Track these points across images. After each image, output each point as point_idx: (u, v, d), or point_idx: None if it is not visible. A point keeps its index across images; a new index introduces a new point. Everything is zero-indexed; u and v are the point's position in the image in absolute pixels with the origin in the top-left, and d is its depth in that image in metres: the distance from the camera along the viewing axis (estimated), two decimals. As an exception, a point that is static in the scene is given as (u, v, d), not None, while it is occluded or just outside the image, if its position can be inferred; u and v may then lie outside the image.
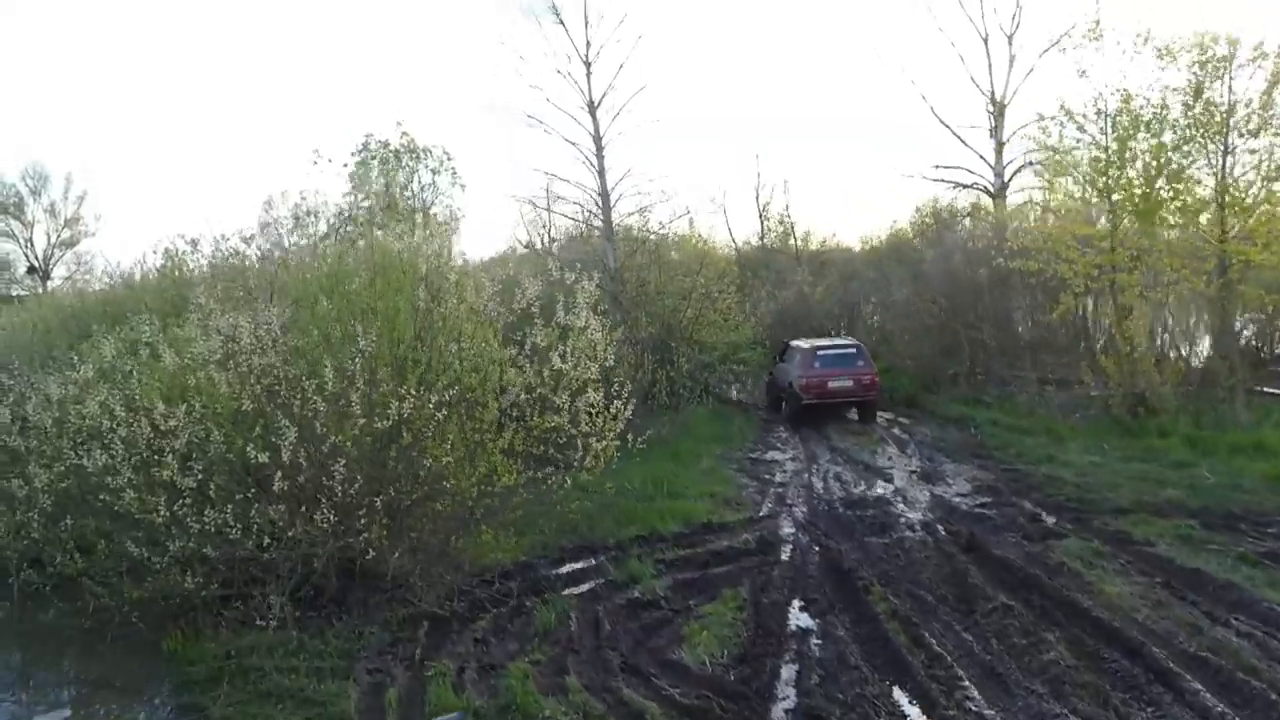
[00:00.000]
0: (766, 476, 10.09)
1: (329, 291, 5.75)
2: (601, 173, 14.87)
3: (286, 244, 15.33)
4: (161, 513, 5.00)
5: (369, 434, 5.19)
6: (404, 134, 24.54)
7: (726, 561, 6.75)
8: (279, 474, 5.05)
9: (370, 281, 5.57)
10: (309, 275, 6.17)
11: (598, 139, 14.74)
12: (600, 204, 14.85)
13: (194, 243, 9.50)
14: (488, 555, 6.42)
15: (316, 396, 5.06)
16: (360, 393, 5.15)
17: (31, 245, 48.40)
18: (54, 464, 5.71)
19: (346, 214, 22.80)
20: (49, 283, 48.61)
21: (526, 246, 19.02)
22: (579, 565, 6.67)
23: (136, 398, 5.40)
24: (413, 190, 23.18)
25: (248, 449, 4.93)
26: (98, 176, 69.14)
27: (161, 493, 5.31)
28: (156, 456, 5.34)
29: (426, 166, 21.67)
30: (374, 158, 24.72)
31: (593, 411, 5.98)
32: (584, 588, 6.19)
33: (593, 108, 15.02)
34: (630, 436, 6.62)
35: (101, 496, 5.54)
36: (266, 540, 5.25)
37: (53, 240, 48.97)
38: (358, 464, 5.25)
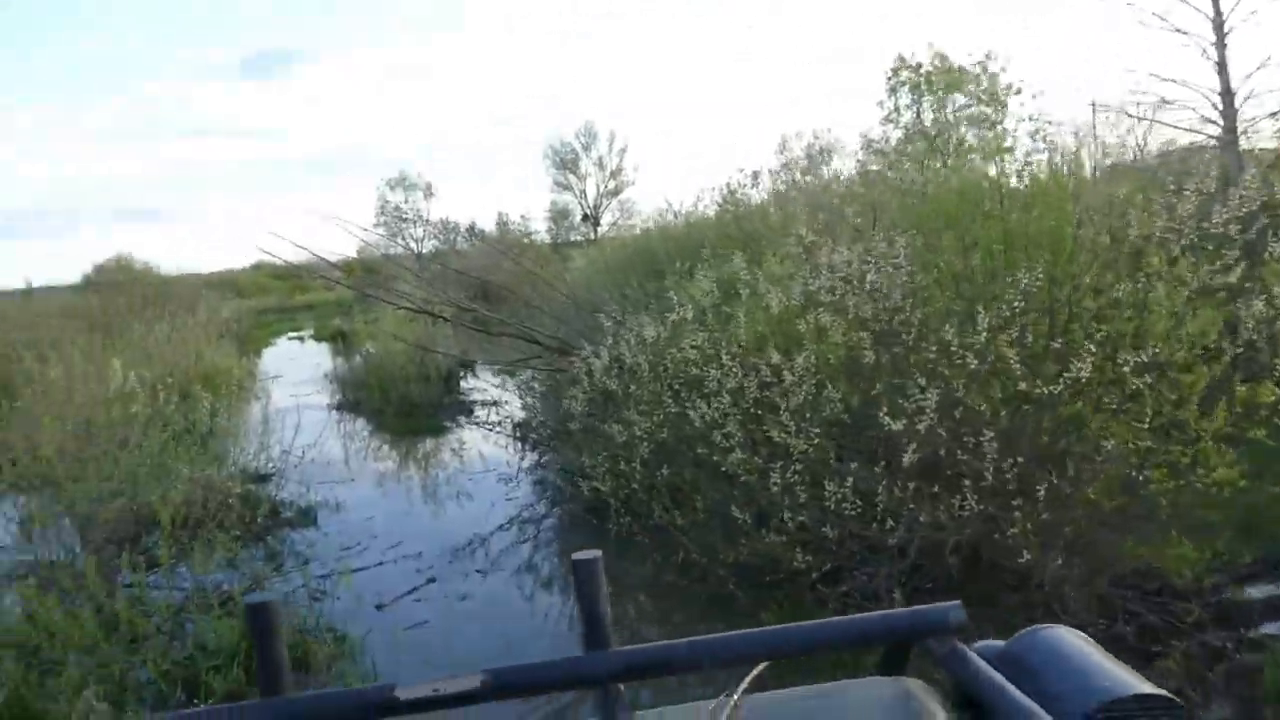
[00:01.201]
0: None
1: (958, 218, 4.61)
2: (1222, 65, 11.89)
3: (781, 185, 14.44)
4: (774, 481, 4.26)
5: (1029, 400, 3.96)
6: (937, 55, 22.71)
7: None
8: (911, 445, 4.04)
9: (1027, 203, 4.33)
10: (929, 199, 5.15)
11: (1218, 24, 11.79)
12: (1223, 105, 11.93)
13: (754, 176, 9.07)
14: (1140, 559, 4.95)
15: (965, 351, 3.94)
16: (1020, 348, 3.94)
17: (585, 196, 54.97)
18: (653, 411, 5.34)
19: (875, 147, 21.72)
20: (599, 229, 54.98)
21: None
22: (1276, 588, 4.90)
23: (740, 343, 4.78)
24: (952, 115, 21.42)
25: (881, 415, 3.97)
26: (633, 128, 76.81)
27: (764, 452, 4.68)
28: (760, 412, 4.68)
29: (974, 89, 19.49)
30: (904, 85, 23.24)
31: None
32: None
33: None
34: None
35: (700, 450, 5.06)
36: (889, 522, 4.31)
37: (601, 190, 55.16)
38: (1007, 438, 4.05)
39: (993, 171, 6.01)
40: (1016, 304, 3.95)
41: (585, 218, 54.73)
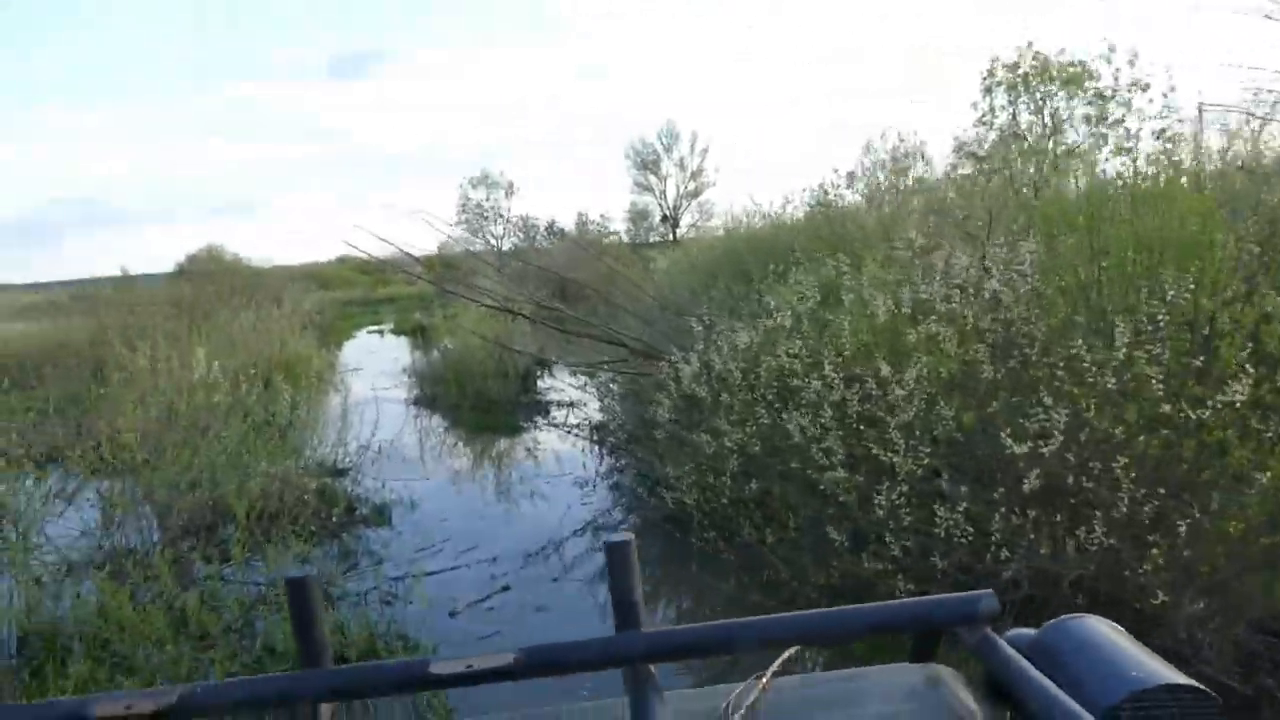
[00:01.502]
0: None
1: (1086, 222, 4.19)
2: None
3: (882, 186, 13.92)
4: (879, 503, 3.92)
5: (1169, 425, 3.55)
6: (1035, 54, 21.81)
7: None
8: (1034, 471, 3.66)
9: (1164, 205, 3.90)
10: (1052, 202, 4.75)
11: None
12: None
13: (850, 176, 8.68)
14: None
15: (1102, 369, 3.56)
16: (1157, 366, 3.53)
17: (664, 197, 54.75)
18: (744, 422, 5.04)
19: (967, 149, 20.96)
20: (677, 230, 54.70)
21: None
22: None
23: (842, 353, 4.45)
24: (1046, 118, 20.50)
25: (1003, 436, 3.61)
26: (714, 130, 76.40)
27: (865, 470, 4.35)
28: (863, 427, 4.35)
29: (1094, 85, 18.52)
30: (999, 84, 22.39)
31: None
32: None
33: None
34: None
35: (794, 465, 4.75)
36: (1003, 552, 3.94)
37: (680, 191, 54.87)
38: (1143, 465, 3.65)
39: (1117, 171, 5.53)
40: (1160, 316, 3.54)
41: (664, 219, 54.55)
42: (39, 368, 13.53)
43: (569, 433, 10.34)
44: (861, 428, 4.35)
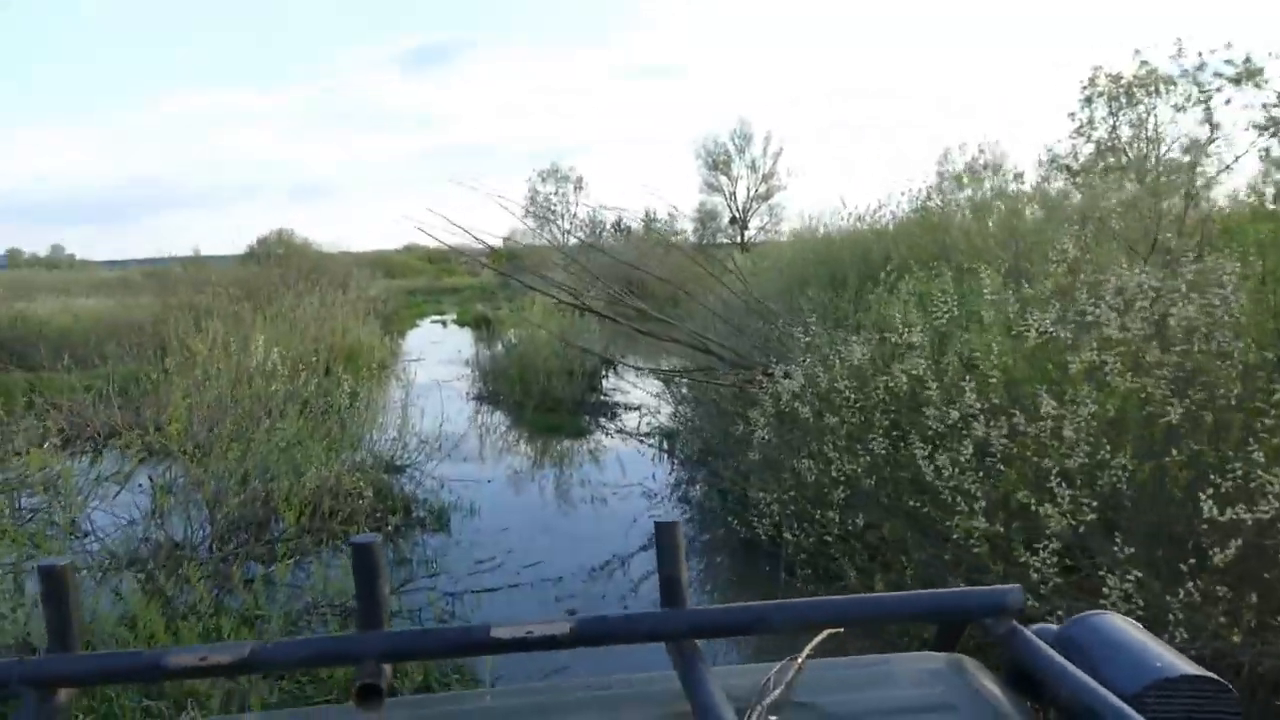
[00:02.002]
0: None
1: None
2: None
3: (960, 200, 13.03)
4: (1034, 564, 3.29)
5: None
6: (1143, 63, 20.73)
7: None
8: (1234, 540, 3.00)
9: None
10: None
11: None
12: None
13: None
14: None
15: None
16: None
17: (734, 198, 53.97)
18: (854, 450, 4.42)
19: (1059, 162, 19.93)
20: (745, 232, 53.88)
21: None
22: None
23: (988, 379, 3.80)
24: (1149, 130, 19.41)
25: (1203, 499, 2.95)
26: (790, 132, 75.35)
27: (1002, 517, 3.72)
28: (1005, 468, 3.70)
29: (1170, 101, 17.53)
30: (1100, 95, 21.34)
31: None
32: None
33: None
34: None
35: (914, 503, 4.12)
36: (1180, 631, 3.27)
37: (751, 193, 54.03)
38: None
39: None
40: None
41: (733, 220, 53.74)
42: (102, 345, 13.38)
43: (640, 442, 9.80)
44: (1003, 468, 3.71)
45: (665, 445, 9.63)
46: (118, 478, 7.65)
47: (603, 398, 12.96)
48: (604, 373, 13.86)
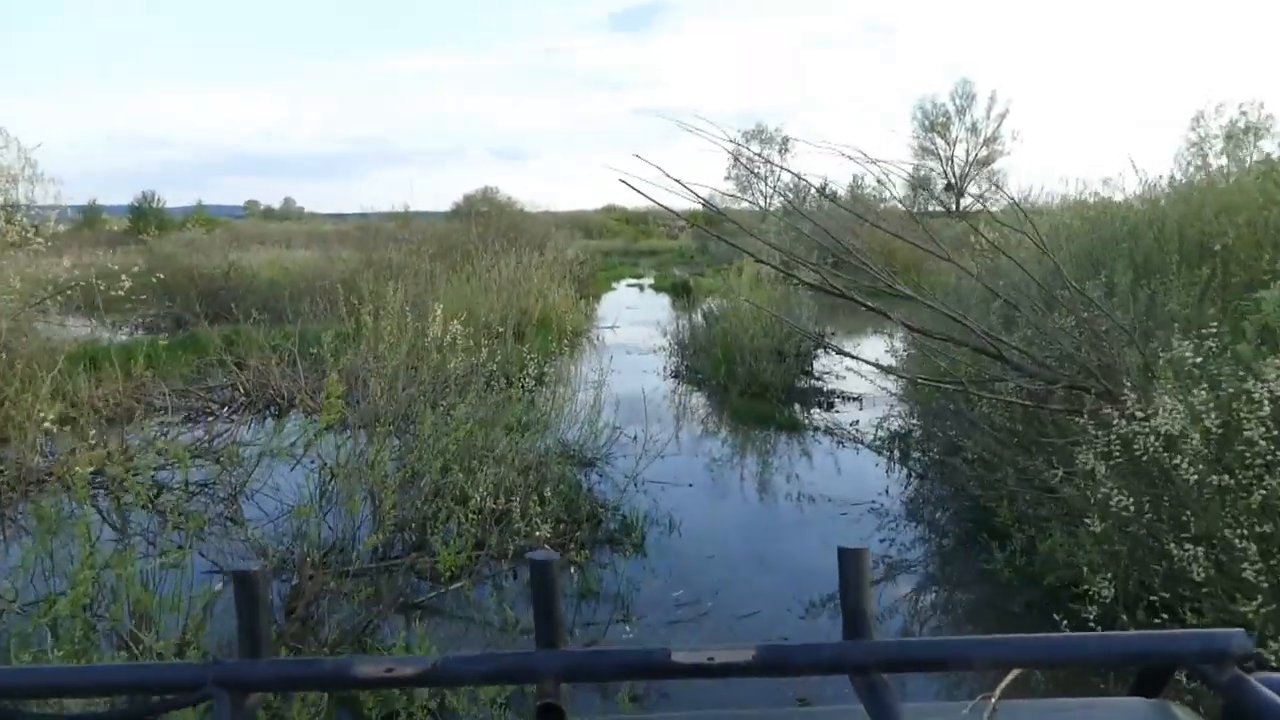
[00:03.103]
0: None
1: None
2: None
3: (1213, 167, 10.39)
4: None
5: None
6: None
7: None
8: None
9: None
10: None
11: None
12: None
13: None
14: None
15: None
16: None
17: (951, 163, 50.31)
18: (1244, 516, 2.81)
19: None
20: (961, 200, 50.18)
21: None
22: None
23: None
24: None
25: None
26: (1020, 93, 69.55)
27: None
28: None
29: None
30: None
31: None
32: None
33: None
34: None
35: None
36: None
37: (970, 157, 50.17)
38: None
39: None
40: None
41: (949, 187, 50.12)
42: (301, 300, 13.10)
43: (860, 445, 8.28)
44: None
45: (895, 451, 8.08)
46: (285, 453, 6.95)
47: (815, 383, 11.46)
48: (814, 354, 12.34)
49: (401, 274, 13.20)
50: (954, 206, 49.52)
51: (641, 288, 27.43)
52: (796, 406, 10.26)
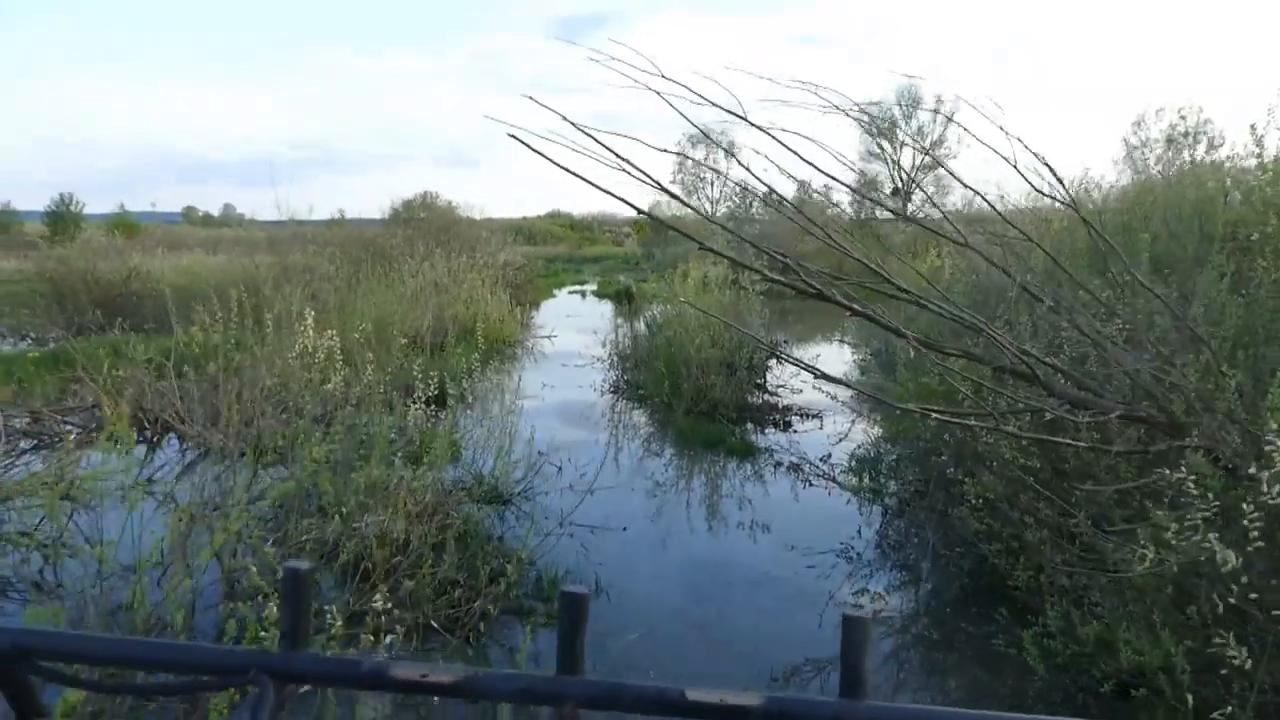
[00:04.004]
0: None
1: None
2: None
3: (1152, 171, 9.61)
4: None
5: None
6: None
7: None
8: None
9: None
10: None
11: None
12: None
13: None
14: None
15: None
16: None
17: (898, 167, 49.80)
18: None
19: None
20: (908, 205, 49.73)
21: None
22: None
23: None
24: None
25: None
26: (961, 100, 69.74)
27: None
28: None
29: None
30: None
31: None
32: None
33: None
34: None
35: None
36: None
37: (916, 163, 49.74)
38: None
39: None
40: None
41: (895, 191, 49.61)
42: (189, 307, 11.62)
43: (832, 482, 7.12)
44: None
45: (865, 477, 6.96)
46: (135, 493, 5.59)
47: (769, 397, 10.32)
48: (767, 366, 11.21)
49: (307, 279, 11.82)
50: (903, 209, 49.11)
51: (584, 294, 26.19)
52: (749, 426, 9.09)
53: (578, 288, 28.14)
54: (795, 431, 8.94)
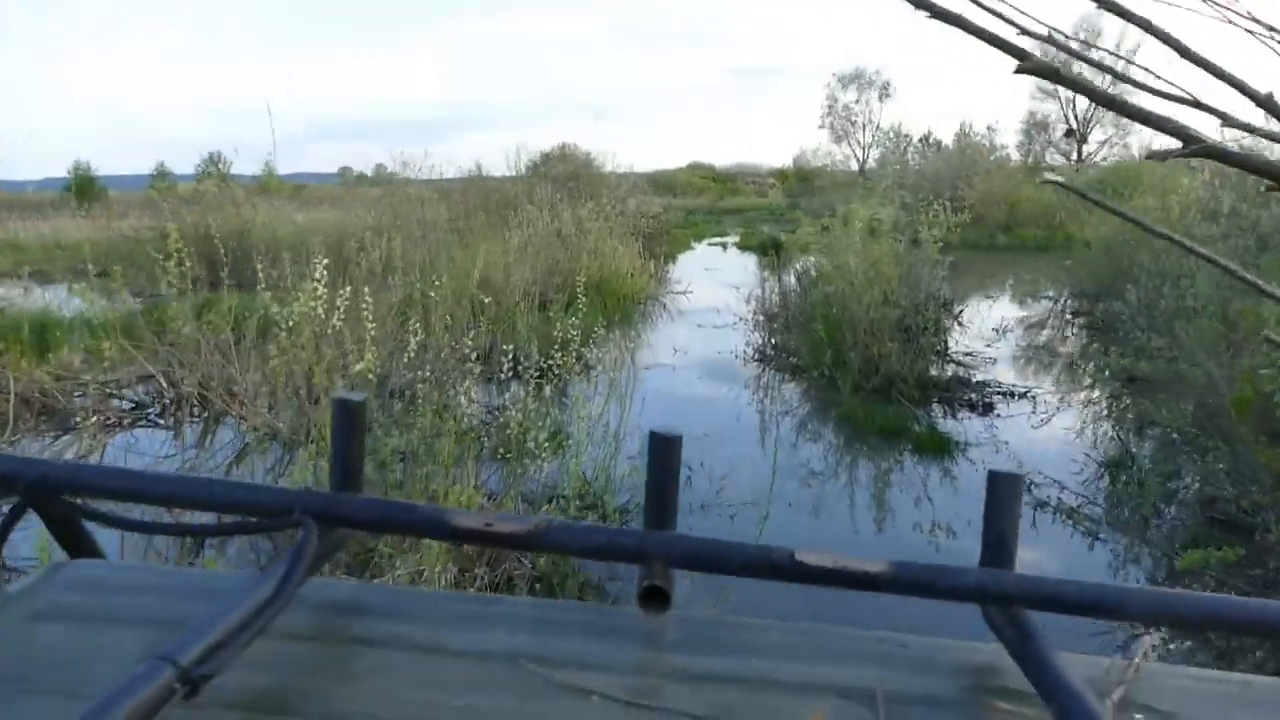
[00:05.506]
0: None
1: None
2: None
3: None
4: None
5: None
6: None
7: None
8: None
9: None
10: None
11: None
12: None
13: None
14: None
15: None
16: None
17: (1074, 106, 45.28)
18: None
19: None
20: (1084, 147, 45.14)
21: None
22: None
23: None
24: None
25: None
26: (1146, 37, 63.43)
27: None
28: None
29: None
30: None
31: None
32: None
33: None
34: None
35: None
36: None
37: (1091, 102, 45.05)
38: None
39: None
40: None
41: (1069, 133, 45.11)
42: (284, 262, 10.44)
43: (1083, 521, 5.05)
44: None
45: (1141, 514, 4.90)
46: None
47: (954, 368, 8.23)
48: (946, 327, 9.11)
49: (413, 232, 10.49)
50: (1076, 155, 44.61)
51: (725, 246, 24.28)
52: (935, 409, 7.06)
53: (718, 239, 26.23)
54: (998, 415, 6.86)
